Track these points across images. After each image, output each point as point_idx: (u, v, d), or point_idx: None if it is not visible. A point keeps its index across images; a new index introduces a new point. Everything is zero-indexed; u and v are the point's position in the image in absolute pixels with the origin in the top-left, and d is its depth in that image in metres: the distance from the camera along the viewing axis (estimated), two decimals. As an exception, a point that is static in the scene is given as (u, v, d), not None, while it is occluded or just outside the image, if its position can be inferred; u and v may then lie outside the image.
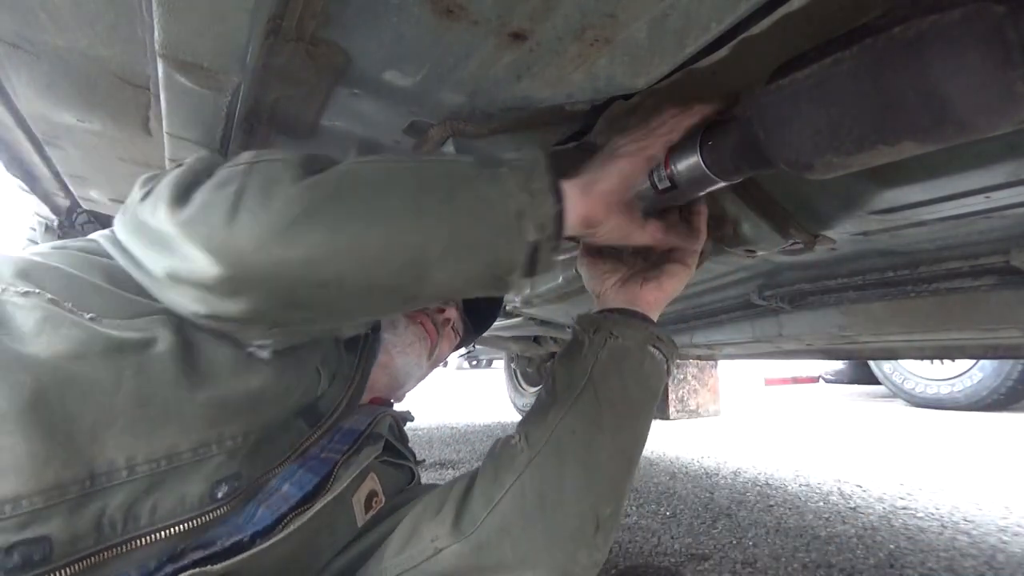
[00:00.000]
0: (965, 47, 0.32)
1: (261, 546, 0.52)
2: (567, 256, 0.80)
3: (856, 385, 5.63)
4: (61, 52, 0.66)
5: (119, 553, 0.46)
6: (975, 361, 3.63)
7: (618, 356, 0.62)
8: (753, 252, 0.78)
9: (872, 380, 4.85)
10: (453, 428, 3.67)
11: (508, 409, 3.97)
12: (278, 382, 0.57)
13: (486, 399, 5.71)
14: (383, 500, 0.69)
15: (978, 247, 0.74)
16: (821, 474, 2.21)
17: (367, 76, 0.60)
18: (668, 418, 3.78)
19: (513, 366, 3.67)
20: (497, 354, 6.56)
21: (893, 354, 1.47)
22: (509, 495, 0.59)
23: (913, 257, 0.82)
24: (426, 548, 0.60)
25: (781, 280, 1.03)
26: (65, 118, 0.86)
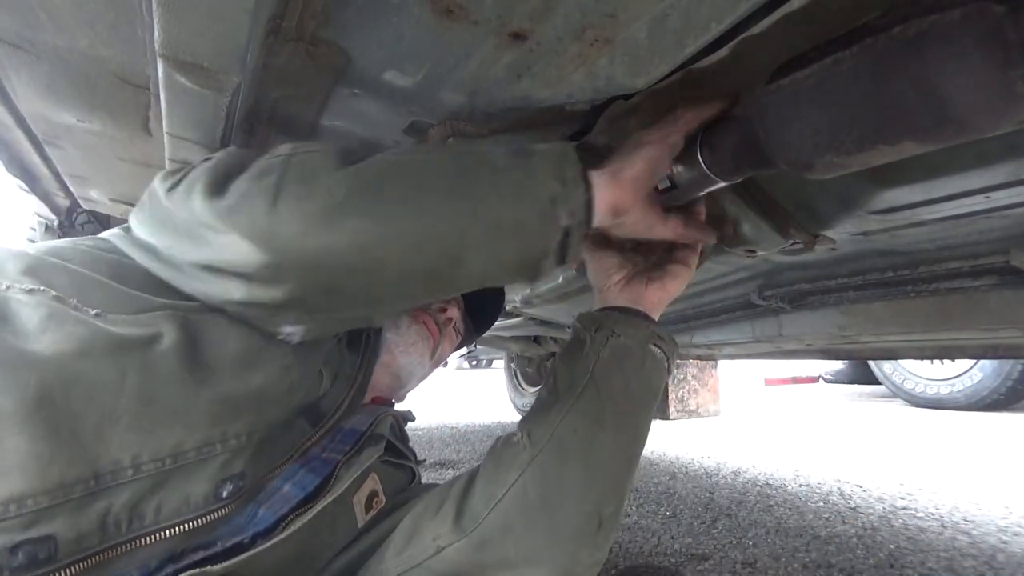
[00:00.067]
0: (965, 47, 0.32)
1: (261, 547, 0.52)
2: None
3: (856, 385, 5.63)
4: (61, 52, 0.66)
5: (124, 552, 0.46)
6: (975, 361, 3.63)
7: (620, 355, 0.62)
8: (753, 252, 0.78)
9: (872, 380, 4.86)
10: (453, 428, 3.67)
11: (508, 409, 3.97)
12: (282, 381, 0.57)
13: (486, 399, 5.71)
14: (384, 500, 0.68)
15: (978, 247, 0.75)
16: (821, 474, 2.21)
17: (367, 76, 0.60)
18: (668, 418, 3.78)
19: (513, 366, 3.68)
20: (497, 354, 6.57)
21: (893, 354, 1.47)
22: (511, 493, 0.59)
23: (913, 257, 0.82)
24: (428, 547, 0.60)
25: (781, 280, 1.03)
26: (65, 118, 0.86)
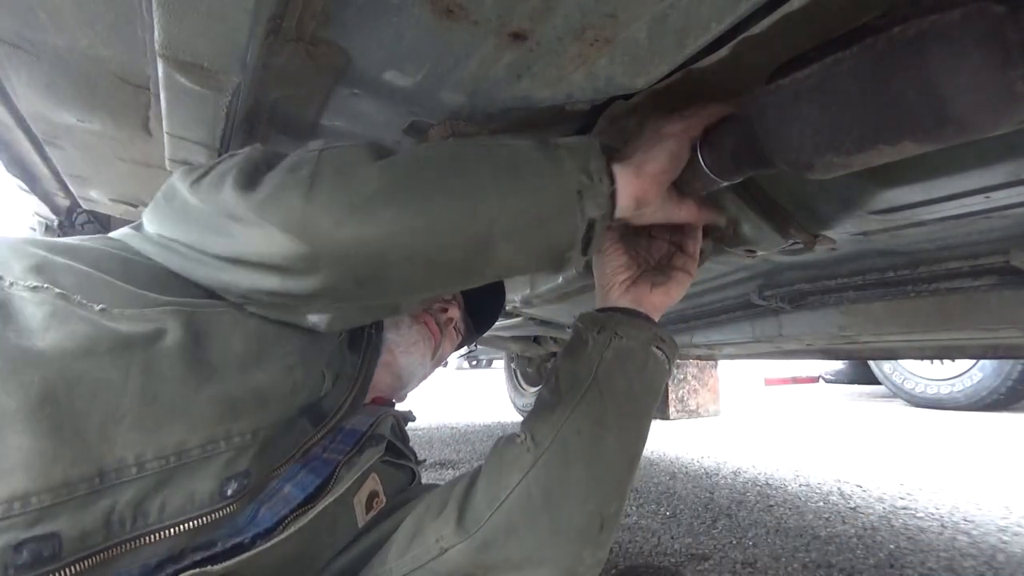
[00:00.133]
0: (965, 47, 0.32)
1: (262, 547, 0.52)
2: None
3: (856, 385, 5.63)
4: (61, 52, 0.66)
5: (128, 550, 0.46)
6: (975, 361, 3.63)
7: (623, 356, 0.63)
8: (753, 252, 0.78)
9: (872, 380, 4.86)
10: (453, 428, 3.67)
11: (508, 409, 3.97)
12: (285, 380, 0.57)
13: (486, 399, 5.71)
14: (384, 501, 0.68)
15: (978, 247, 0.74)
16: (821, 474, 2.21)
17: (367, 76, 0.60)
18: (668, 418, 3.78)
19: (513, 366, 3.67)
20: (497, 354, 6.57)
21: (893, 354, 1.47)
22: (515, 494, 0.59)
23: (913, 257, 0.82)
24: (431, 548, 0.60)
25: (781, 280, 1.03)
26: (65, 118, 0.86)
